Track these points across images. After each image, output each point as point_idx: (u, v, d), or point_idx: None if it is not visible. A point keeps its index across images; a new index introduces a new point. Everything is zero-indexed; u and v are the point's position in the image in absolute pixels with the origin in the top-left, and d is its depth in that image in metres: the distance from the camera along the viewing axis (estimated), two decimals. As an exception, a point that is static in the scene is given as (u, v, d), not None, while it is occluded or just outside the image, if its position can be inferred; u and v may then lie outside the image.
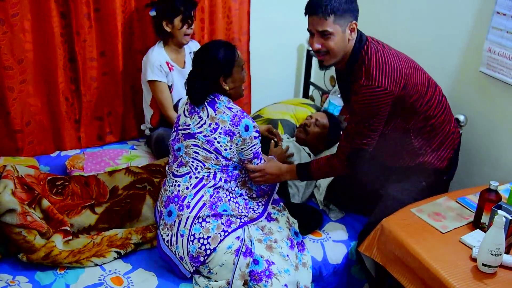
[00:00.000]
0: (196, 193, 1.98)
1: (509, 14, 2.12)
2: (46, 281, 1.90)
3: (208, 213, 1.94)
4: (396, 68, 1.87)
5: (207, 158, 2.00)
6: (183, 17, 2.61)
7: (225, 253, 1.91)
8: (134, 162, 2.67)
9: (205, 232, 1.92)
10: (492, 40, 2.20)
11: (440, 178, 2.17)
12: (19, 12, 2.48)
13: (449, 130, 2.10)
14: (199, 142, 2.00)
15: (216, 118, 1.99)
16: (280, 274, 1.93)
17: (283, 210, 2.24)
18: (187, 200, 1.96)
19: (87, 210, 2.17)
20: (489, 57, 2.22)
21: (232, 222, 1.98)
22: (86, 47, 2.71)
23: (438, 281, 1.61)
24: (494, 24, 2.18)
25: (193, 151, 2.01)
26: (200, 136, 2.00)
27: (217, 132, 1.98)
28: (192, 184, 2.00)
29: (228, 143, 1.99)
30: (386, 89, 1.84)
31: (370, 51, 1.89)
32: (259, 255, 1.96)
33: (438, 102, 2.06)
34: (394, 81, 1.86)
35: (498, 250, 1.58)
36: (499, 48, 2.17)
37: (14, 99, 2.59)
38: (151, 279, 1.96)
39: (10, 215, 1.94)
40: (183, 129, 2.06)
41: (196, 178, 2.00)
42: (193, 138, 2.02)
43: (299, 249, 2.12)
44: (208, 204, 1.96)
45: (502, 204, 1.73)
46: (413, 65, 1.99)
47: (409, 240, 1.77)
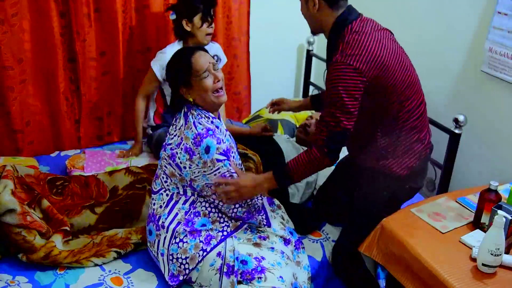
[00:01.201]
0: (169, 212, 1.91)
1: (510, 14, 2.12)
2: (46, 281, 1.90)
3: (184, 232, 1.88)
4: (373, 52, 1.77)
5: (172, 174, 1.92)
6: (203, 14, 2.55)
7: (209, 271, 1.88)
8: (134, 162, 2.66)
9: (183, 252, 1.87)
10: (493, 40, 2.20)
11: (401, 186, 2.00)
12: (18, 12, 2.48)
13: (417, 139, 1.95)
14: (166, 156, 1.92)
15: (182, 133, 1.88)
16: (273, 266, 1.88)
17: (277, 209, 2.21)
18: (162, 220, 1.92)
19: (87, 210, 2.17)
20: (491, 56, 2.22)
21: (213, 237, 1.90)
22: (86, 47, 2.71)
23: (438, 281, 1.61)
24: (495, 24, 2.18)
25: (164, 164, 1.94)
26: (168, 148, 1.92)
27: (180, 147, 1.87)
28: (165, 202, 1.94)
29: (187, 161, 1.85)
30: (357, 69, 1.74)
31: (353, 29, 1.82)
32: (246, 254, 1.90)
33: (414, 107, 1.91)
34: (367, 64, 1.76)
35: (498, 250, 1.58)
36: (500, 48, 2.17)
37: (14, 99, 2.59)
38: (151, 279, 1.96)
39: (10, 215, 1.94)
40: (168, 136, 1.99)
41: (167, 196, 1.94)
42: (164, 150, 1.95)
43: (295, 247, 2.09)
44: (183, 222, 1.89)
45: (502, 204, 1.73)
46: (399, 60, 1.86)
47: (409, 240, 1.77)
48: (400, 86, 1.85)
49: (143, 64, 2.95)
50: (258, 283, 1.84)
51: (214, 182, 1.87)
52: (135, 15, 2.83)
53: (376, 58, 1.78)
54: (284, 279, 1.87)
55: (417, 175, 2.02)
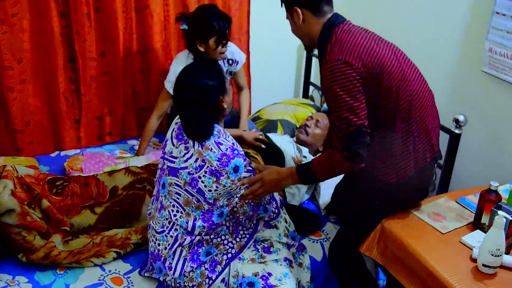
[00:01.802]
0: (174, 253, 1.86)
1: (508, 14, 2.12)
2: (45, 281, 1.90)
3: (191, 267, 1.85)
4: (362, 44, 1.73)
5: (188, 202, 1.81)
6: (218, 38, 2.44)
7: None
8: (133, 161, 2.66)
9: (189, 280, 1.86)
10: (492, 40, 2.20)
11: (392, 195, 1.88)
12: (18, 12, 2.48)
13: (413, 146, 1.83)
14: (181, 182, 1.81)
15: (203, 155, 1.78)
16: (280, 281, 1.88)
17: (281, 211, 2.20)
18: (168, 262, 1.87)
19: (87, 210, 2.17)
20: (491, 57, 2.22)
21: (217, 263, 1.87)
22: (86, 47, 2.71)
23: (438, 282, 1.61)
24: (494, 25, 2.18)
25: (175, 191, 1.83)
26: (184, 173, 1.81)
27: (203, 170, 1.78)
28: (170, 244, 1.86)
29: (213, 184, 1.78)
30: (347, 62, 1.68)
31: (341, 29, 1.79)
32: (252, 275, 1.88)
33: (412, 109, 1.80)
34: (357, 55, 1.70)
35: (498, 250, 1.58)
36: (500, 48, 2.17)
37: (14, 99, 2.59)
38: (151, 279, 1.96)
39: (10, 215, 1.94)
40: (169, 160, 1.87)
41: (172, 237, 1.85)
42: (176, 176, 1.83)
43: (297, 249, 2.09)
44: (189, 258, 1.86)
45: (502, 205, 1.73)
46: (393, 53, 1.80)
47: (409, 240, 1.77)
48: (397, 80, 1.76)
49: (143, 64, 2.96)
50: None
51: (240, 184, 1.82)
52: (135, 15, 2.83)
53: (366, 48, 1.72)
54: None
55: (412, 186, 1.87)
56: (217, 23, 2.42)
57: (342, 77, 1.68)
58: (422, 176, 1.89)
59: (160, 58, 2.96)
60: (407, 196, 1.93)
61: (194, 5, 2.93)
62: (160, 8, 2.85)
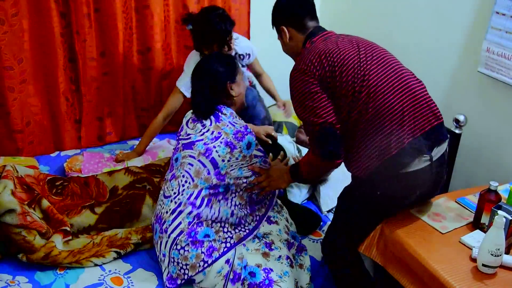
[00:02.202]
0: (173, 220, 1.92)
1: (508, 14, 2.12)
2: (46, 281, 1.91)
3: (186, 241, 1.88)
4: (318, 49, 1.80)
5: (198, 173, 1.94)
6: (220, 42, 2.48)
7: (215, 277, 1.89)
8: (131, 162, 2.66)
9: (183, 259, 1.88)
10: (491, 40, 2.20)
11: (368, 191, 1.81)
12: (18, 12, 2.48)
13: (381, 137, 1.74)
14: (195, 152, 1.96)
15: (220, 128, 1.99)
16: (281, 278, 1.90)
17: (282, 211, 2.22)
18: (166, 225, 1.93)
19: (87, 210, 2.17)
20: (488, 57, 2.22)
21: (215, 249, 1.90)
22: (86, 47, 2.71)
23: (438, 282, 1.61)
24: (494, 24, 2.18)
25: (188, 162, 1.97)
26: (200, 144, 1.97)
27: (218, 141, 1.96)
28: (171, 209, 1.94)
29: (227, 154, 1.95)
30: (300, 69, 1.79)
31: (308, 44, 1.89)
32: (255, 265, 1.91)
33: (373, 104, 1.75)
34: (309, 60, 1.78)
35: (498, 250, 1.58)
36: (498, 48, 2.17)
37: (14, 99, 2.59)
38: (151, 279, 1.97)
39: (10, 215, 1.94)
40: (184, 139, 2.04)
41: (175, 203, 1.94)
42: (191, 148, 1.98)
43: (297, 251, 2.10)
44: (185, 232, 1.89)
45: (502, 205, 1.73)
46: (358, 53, 1.79)
47: (409, 240, 1.77)
48: (352, 75, 1.75)
49: (143, 64, 2.96)
50: None
51: (250, 169, 2.00)
52: (135, 15, 2.83)
53: (322, 52, 1.78)
54: None
55: (385, 181, 1.76)
56: (219, 28, 2.44)
57: (298, 84, 1.80)
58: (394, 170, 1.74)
59: (160, 58, 2.96)
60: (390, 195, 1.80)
61: (194, 5, 2.94)
62: (160, 8, 2.85)
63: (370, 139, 1.74)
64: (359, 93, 1.74)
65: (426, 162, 1.74)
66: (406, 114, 1.74)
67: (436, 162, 1.78)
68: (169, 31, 2.96)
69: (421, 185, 1.79)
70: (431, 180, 1.80)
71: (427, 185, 1.81)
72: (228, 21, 2.48)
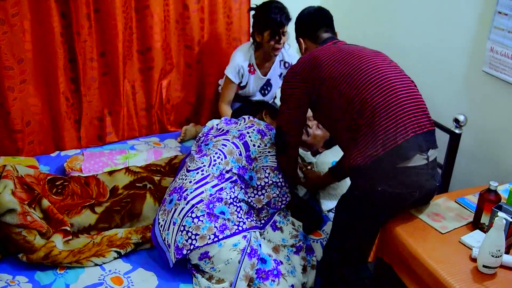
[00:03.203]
0: (196, 188, 1.99)
1: (510, 14, 2.12)
2: (46, 281, 1.91)
3: (203, 212, 1.92)
4: (311, 55, 1.96)
5: (231, 152, 2.10)
6: (272, 32, 2.64)
7: (230, 250, 1.90)
8: (132, 160, 2.66)
9: (195, 228, 1.90)
10: (494, 39, 2.20)
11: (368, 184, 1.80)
12: (19, 12, 2.48)
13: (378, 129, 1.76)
14: (230, 136, 2.17)
15: (253, 120, 2.27)
16: (288, 274, 1.94)
17: (287, 215, 2.24)
18: (187, 192, 1.99)
19: (87, 210, 2.17)
20: (492, 57, 2.22)
21: (227, 228, 1.93)
22: (86, 47, 2.71)
23: (438, 282, 1.61)
24: (496, 24, 2.18)
25: (222, 143, 2.14)
26: (234, 130, 2.20)
27: (251, 128, 2.21)
28: (196, 180, 2.02)
29: (258, 140, 2.17)
30: (293, 70, 1.98)
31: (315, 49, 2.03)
32: (267, 254, 1.96)
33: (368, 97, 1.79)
34: (303, 64, 1.95)
35: (499, 251, 1.58)
36: (501, 48, 2.18)
37: (14, 99, 2.59)
38: (151, 279, 1.97)
39: (10, 215, 1.94)
40: (217, 132, 2.26)
41: (202, 175, 2.04)
42: (225, 134, 2.20)
43: (307, 252, 2.13)
44: (205, 201, 1.95)
45: (502, 205, 1.73)
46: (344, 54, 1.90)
47: (409, 240, 1.77)
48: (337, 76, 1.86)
49: (143, 64, 2.96)
50: (271, 285, 1.89)
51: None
52: (135, 15, 2.83)
53: (310, 58, 1.94)
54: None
55: (381, 171, 1.75)
56: (274, 17, 2.61)
57: (286, 84, 2.01)
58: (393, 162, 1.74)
59: (160, 58, 2.96)
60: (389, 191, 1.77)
61: (194, 5, 2.94)
62: (160, 8, 2.85)
63: (376, 126, 1.75)
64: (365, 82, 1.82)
65: (424, 161, 1.77)
66: (411, 111, 1.79)
67: (431, 164, 1.81)
68: (169, 31, 2.96)
69: (418, 184, 1.79)
70: (427, 181, 1.81)
71: (423, 186, 1.81)
72: (285, 15, 2.64)
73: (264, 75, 2.89)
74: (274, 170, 2.17)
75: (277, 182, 2.16)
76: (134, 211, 2.20)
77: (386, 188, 1.75)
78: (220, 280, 1.91)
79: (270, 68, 2.89)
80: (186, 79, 3.13)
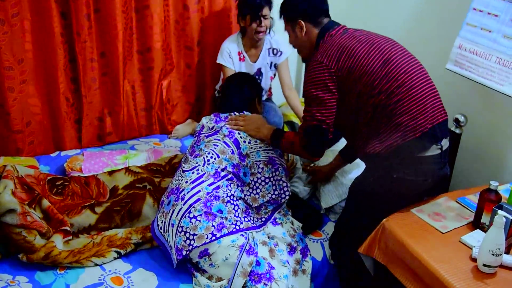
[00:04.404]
0: (193, 188, 2.00)
1: (485, 11, 2.14)
2: (46, 281, 1.91)
3: (200, 211, 1.93)
4: (338, 44, 1.89)
5: (223, 151, 2.10)
6: (252, 15, 2.72)
7: (229, 246, 1.90)
8: (132, 161, 2.66)
9: (193, 228, 1.91)
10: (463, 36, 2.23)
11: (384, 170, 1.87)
12: (19, 12, 2.48)
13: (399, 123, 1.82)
14: (220, 136, 2.15)
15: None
16: (280, 279, 1.93)
17: (288, 214, 2.24)
18: (183, 192, 1.99)
19: (87, 210, 2.17)
20: (459, 54, 2.25)
21: (224, 227, 1.95)
22: (86, 47, 2.71)
23: (438, 281, 1.61)
24: (469, 21, 2.20)
25: (213, 143, 2.14)
26: (224, 128, 2.17)
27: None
28: (192, 179, 2.03)
29: (248, 136, 2.16)
30: (322, 62, 1.88)
31: (330, 34, 1.96)
32: (261, 257, 1.96)
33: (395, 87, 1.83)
34: (331, 55, 1.88)
35: (499, 250, 1.58)
36: (470, 45, 2.19)
37: (14, 100, 2.59)
38: (151, 279, 1.96)
39: (10, 215, 1.94)
40: (208, 132, 2.23)
41: (197, 174, 2.04)
42: (216, 134, 2.18)
43: (302, 255, 2.11)
44: (202, 200, 1.96)
45: (503, 205, 1.73)
46: (376, 50, 1.87)
47: (409, 240, 1.77)
48: (370, 65, 1.84)
49: (143, 64, 2.96)
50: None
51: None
52: (135, 15, 2.83)
53: (340, 47, 1.87)
54: None
55: (399, 160, 1.83)
56: (251, 0, 2.69)
57: (316, 76, 1.89)
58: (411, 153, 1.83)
59: (160, 58, 2.96)
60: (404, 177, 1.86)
61: (194, 5, 2.94)
62: (160, 8, 2.85)
63: (397, 119, 1.81)
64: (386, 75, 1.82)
65: (438, 150, 1.87)
66: (428, 102, 1.85)
67: (444, 153, 1.90)
68: (169, 31, 2.96)
69: (432, 172, 1.88)
70: (440, 169, 1.91)
71: (436, 174, 1.90)
72: None
73: (253, 62, 2.92)
74: (267, 164, 2.16)
75: (270, 177, 2.15)
76: (134, 211, 2.20)
77: (402, 175, 1.85)
78: (219, 279, 1.91)
79: (259, 56, 2.92)
80: (186, 79, 3.13)
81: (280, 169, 2.19)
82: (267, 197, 2.14)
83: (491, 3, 2.12)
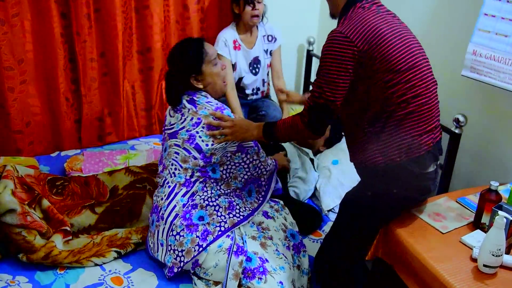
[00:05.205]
0: (168, 204, 1.97)
1: (498, 16, 2.10)
2: (46, 281, 1.90)
3: (181, 226, 1.92)
4: (370, 23, 1.69)
5: (185, 160, 2.00)
6: (245, 0, 2.76)
7: (216, 252, 1.89)
8: (132, 161, 2.66)
9: (179, 245, 1.91)
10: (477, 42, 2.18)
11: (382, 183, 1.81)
12: (19, 12, 2.48)
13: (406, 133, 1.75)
14: (180, 141, 2.02)
15: (198, 114, 2.01)
16: (275, 271, 1.88)
17: (280, 210, 2.21)
18: (162, 211, 1.98)
19: (87, 210, 2.17)
20: (474, 60, 2.20)
21: (209, 233, 1.92)
22: (86, 47, 2.71)
23: (438, 282, 1.61)
24: (481, 26, 2.16)
25: (174, 151, 2.04)
26: (182, 132, 2.02)
27: (199, 126, 2.00)
28: (166, 194, 2.00)
29: (210, 138, 1.99)
30: (348, 37, 1.67)
31: (358, 6, 1.76)
32: (252, 252, 1.92)
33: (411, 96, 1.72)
34: (361, 34, 1.67)
35: (499, 250, 1.58)
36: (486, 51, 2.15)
37: (14, 100, 2.59)
38: (151, 279, 1.96)
39: (10, 215, 1.94)
40: (169, 128, 2.11)
41: (169, 187, 2.01)
42: (175, 137, 2.05)
43: (294, 251, 2.07)
44: (180, 214, 1.94)
45: (502, 205, 1.73)
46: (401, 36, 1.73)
47: (409, 240, 1.77)
48: (397, 63, 1.70)
49: (143, 64, 2.96)
50: (258, 283, 1.84)
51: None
52: (135, 15, 2.83)
53: (371, 28, 1.69)
54: (284, 285, 1.87)
55: (401, 176, 1.78)
56: None
57: (337, 49, 1.68)
58: (412, 168, 1.77)
59: (160, 58, 2.96)
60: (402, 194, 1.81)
61: (194, 5, 2.94)
62: (160, 8, 2.85)
63: (404, 132, 1.74)
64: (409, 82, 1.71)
65: (434, 167, 1.84)
66: (434, 119, 1.80)
67: (438, 169, 1.90)
68: (169, 31, 2.96)
69: (427, 188, 1.86)
70: (432, 185, 1.88)
71: (431, 190, 1.88)
72: None
73: (250, 48, 2.94)
74: (235, 153, 2.05)
75: (241, 162, 2.07)
76: (133, 211, 2.20)
77: (402, 191, 1.80)
78: (216, 283, 1.90)
79: (255, 44, 2.95)
80: (186, 79, 3.13)
81: (249, 151, 2.08)
82: (239, 178, 2.07)
83: (504, 7, 2.07)
